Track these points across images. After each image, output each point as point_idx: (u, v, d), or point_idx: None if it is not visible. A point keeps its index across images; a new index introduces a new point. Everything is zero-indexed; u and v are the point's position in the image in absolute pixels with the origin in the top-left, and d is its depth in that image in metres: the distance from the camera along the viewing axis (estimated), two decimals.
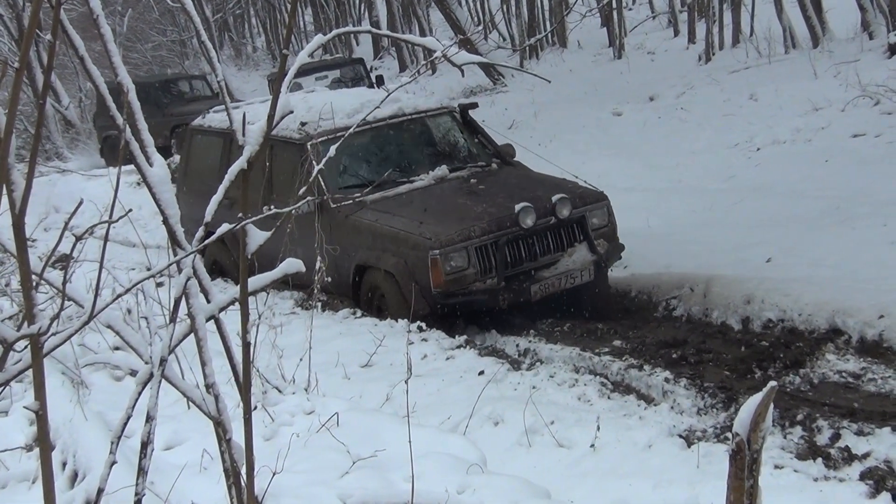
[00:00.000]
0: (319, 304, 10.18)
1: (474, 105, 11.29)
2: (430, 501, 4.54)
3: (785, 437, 5.83)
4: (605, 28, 30.26)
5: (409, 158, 10.56)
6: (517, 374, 7.49)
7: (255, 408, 6.06)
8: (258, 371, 6.55)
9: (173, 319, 3.03)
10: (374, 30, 3.84)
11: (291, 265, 3.43)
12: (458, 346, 8.34)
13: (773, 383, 2.23)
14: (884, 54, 17.76)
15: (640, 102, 20.02)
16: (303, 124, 10.32)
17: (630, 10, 33.29)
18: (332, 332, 9.07)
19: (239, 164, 3.06)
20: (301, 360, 7.19)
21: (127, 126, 3.11)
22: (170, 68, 46.56)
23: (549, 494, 4.87)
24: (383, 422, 5.80)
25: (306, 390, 6.82)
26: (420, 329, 8.91)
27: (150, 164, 3.22)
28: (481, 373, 7.48)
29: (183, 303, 3.18)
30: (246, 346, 3.11)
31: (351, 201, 9.63)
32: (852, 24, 20.63)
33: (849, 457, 5.56)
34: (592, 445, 5.87)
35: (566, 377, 7.25)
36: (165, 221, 3.23)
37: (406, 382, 4.83)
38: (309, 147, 9.88)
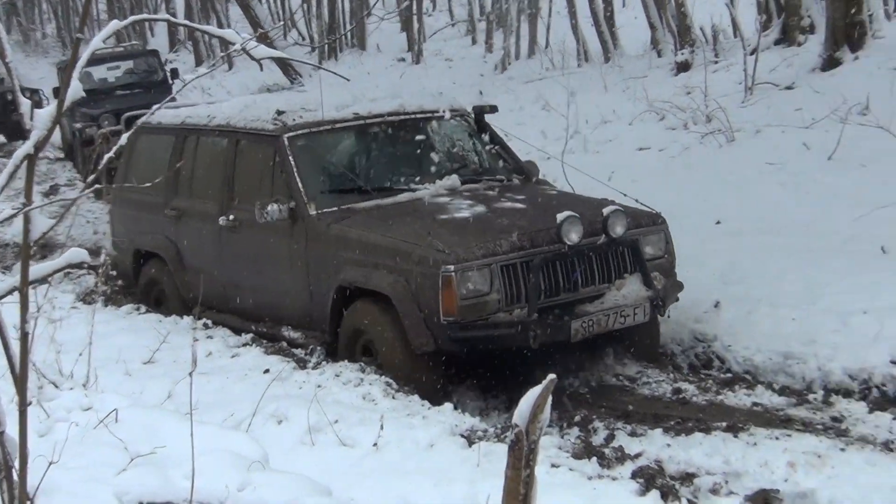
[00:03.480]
0: (102, 299, 9.93)
1: (493, 108, 9.37)
2: (209, 498, 4.52)
3: (562, 437, 6.04)
4: (405, 33, 30.54)
5: (412, 164, 8.58)
6: (303, 372, 7.50)
7: (31, 403, 5.89)
8: (34, 366, 6.36)
9: None
10: (172, 18, 3.82)
11: (75, 254, 3.37)
12: (244, 344, 8.32)
13: (552, 376, 2.34)
14: (671, 72, 18.50)
15: None
16: (279, 113, 8.47)
17: (430, 16, 33.72)
18: (115, 327, 8.91)
19: (25, 148, 2.99)
20: (80, 355, 7.01)
21: None
22: None
23: (331, 492, 4.91)
24: (164, 418, 5.71)
25: (84, 386, 6.66)
26: (206, 326, 8.82)
27: None
28: (266, 371, 7.46)
29: None
30: (24, 336, 3.05)
31: (336, 208, 7.93)
32: (642, 42, 21.45)
33: (622, 456, 5.79)
34: (375, 444, 5.92)
35: (352, 376, 7.29)
36: None
37: (190, 375, 4.76)
38: (285, 140, 8.20)
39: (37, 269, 3.22)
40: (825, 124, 12.64)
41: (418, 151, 8.62)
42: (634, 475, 5.37)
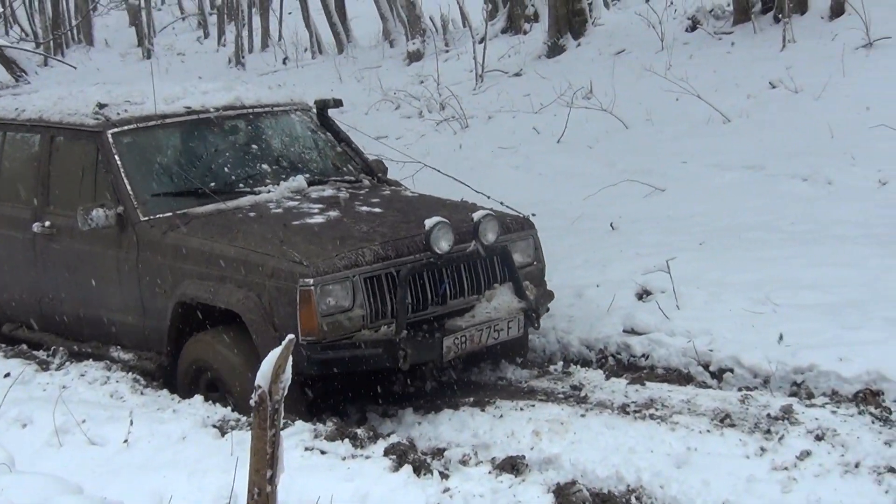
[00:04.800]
0: None
1: (337, 102, 8.38)
2: None
3: (314, 424, 6.02)
4: (134, 27, 29.85)
5: (252, 164, 7.68)
6: (46, 374, 7.23)
7: None
8: None
9: None
10: None
11: None
12: None
13: (290, 336, 2.35)
14: (403, 61, 18.76)
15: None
16: (101, 106, 7.48)
17: (159, 10, 33.05)
18: None
19: None
20: None
21: None
22: None
23: (82, 490, 4.78)
24: None
25: None
26: None
27: None
28: (7, 375, 7.14)
29: None
30: None
31: (171, 213, 7.02)
32: (375, 33, 21.62)
33: (374, 436, 5.83)
34: (126, 441, 5.75)
35: (98, 375, 7.07)
36: None
37: None
38: (109, 137, 7.30)
39: None
40: (553, 108, 13.13)
41: (259, 149, 7.85)
42: (387, 452, 5.42)
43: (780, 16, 12.99)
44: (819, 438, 5.56)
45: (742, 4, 14.02)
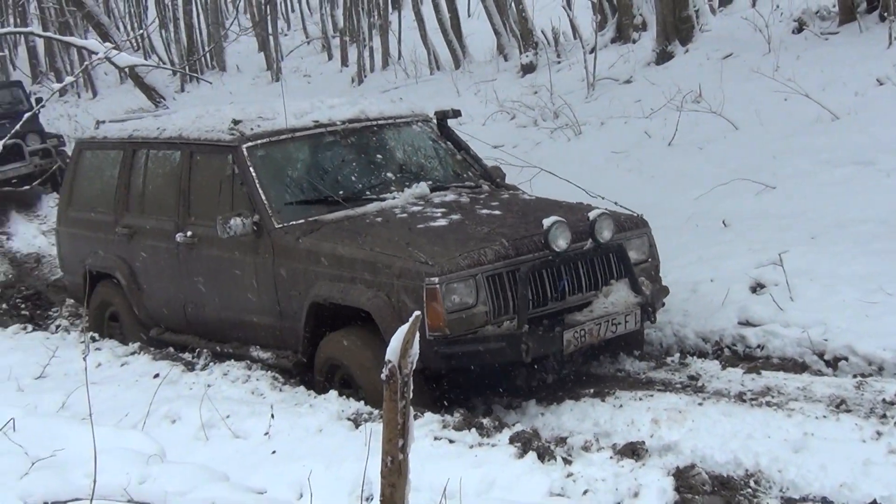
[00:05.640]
0: None
1: (456, 113, 8.45)
2: (112, 493, 4.48)
3: (443, 415, 6.08)
4: (263, 53, 30.39)
5: (377, 173, 7.78)
6: (192, 374, 7.43)
7: None
8: None
9: None
10: (36, 32, 3.77)
11: None
12: (132, 353, 8.16)
13: (417, 313, 2.41)
14: (517, 74, 18.78)
15: None
16: (235, 122, 7.71)
17: (285, 35, 33.56)
18: (3, 347, 8.69)
19: None
20: None
21: None
22: None
23: (228, 478, 4.90)
24: (61, 424, 5.63)
25: None
26: (93, 339, 8.65)
27: None
28: (156, 375, 7.35)
29: None
30: None
31: (303, 220, 7.16)
32: (489, 48, 21.68)
33: (500, 426, 5.87)
34: (267, 433, 5.90)
35: (239, 374, 7.24)
36: None
37: (84, 359, 4.67)
38: (244, 151, 7.48)
39: None
40: (663, 113, 13.00)
41: (384, 159, 7.94)
42: (512, 440, 5.45)
43: (886, 14, 12.68)
44: None
45: (847, 4, 13.73)
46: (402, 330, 2.26)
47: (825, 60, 12.77)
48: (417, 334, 2.28)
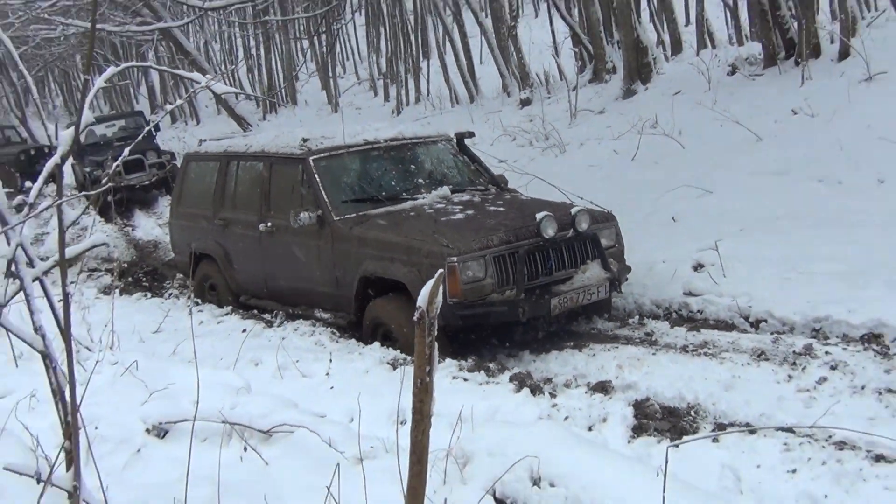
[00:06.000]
0: (118, 290, 9.75)
1: (471, 134, 8.62)
2: (210, 415, 4.49)
3: (459, 361, 6.08)
4: (325, 91, 30.40)
5: (411, 179, 7.87)
6: (270, 329, 7.46)
7: None
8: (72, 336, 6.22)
9: (7, 275, 2.89)
10: (154, 65, 3.78)
11: (97, 238, 3.34)
12: (226, 314, 8.19)
13: (441, 270, 2.41)
14: (517, 106, 18.69)
15: None
16: (304, 140, 7.82)
17: (342, 77, 33.52)
18: (129, 309, 8.72)
19: (54, 159, 2.95)
20: (105, 326, 6.88)
21: None
22: None
23: (297, 405, 4.91)
24: (173, 365, 5.65)
25: (110, 349, 6.54)
26: (196, 304, 8.68)
27: None
28: (244, 331, 7.37)
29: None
30: (66, 296, 3.02)
31: (354, 214, 7.25)
32: (496, 87, 21.61)
33: (502, 369, 5.88)
34: (327, 374, 5.93)
35: (306, 329, 7.26)
36: None
37: (190, 309, 4.69)
38: (311, 162, 7.55)
39: (70, 249, 3.18)
40: (628, 136, 12.92)
41: (416, 168, 8.03)
42: (511, 380, 5.46)
43: (800, 60, 12.56)
44: (833, 368, 5.43)
45: (770, 53, 13.57)
46: (429, 284, 2.26)
47: (752, 95, 12.66)
48: (441, 286, 2.28)
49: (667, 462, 2.77)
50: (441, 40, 27.37)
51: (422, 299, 2.28)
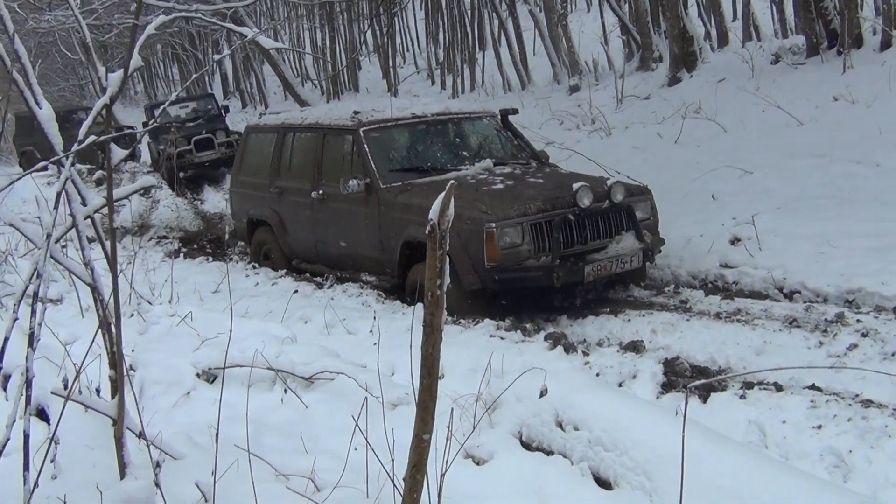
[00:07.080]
0: (182, 255, 9.83)
1: (514, 111, 8.44)
2: (258, 361, 4.48)
3: (496, 321, 5.99)
4: (385, 79, 30.42)
5: (456, 151, 7.79)
6: (320, 291, 7.47)
7: (132, 315, 5.82)
8: (135, 290, 6.28)
9: (56, 206, 2.87)
10: (201, 15, 3.71)
11: (147, 181, 3.31)
12: (280, 276, 8.21)
13: (452, 182, 2.33)
14: (567, 93, 18.46)
15: None
16: (356, 112, 7.82)
17: (402, 67, 33.50)
18: (191, 271, 8.83)
19: (102, 100, 2.92)
20: (165, 281, 6.93)
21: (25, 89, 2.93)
22: (71, 104, 43.88)
23: (339, 355, 4.87)
24: (224, 317, 5.62)
25: (169, 303, 6.59)
26: (253, 267, 8.72)
27: (40, 107, 3.05)
28: (296, 291, 7.40)
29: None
30: (112, 231, 2.99)
31: (400, 182, 7.18)
32: (547, 75, 21.36)
33: (538, 329, 5.77)
34: (371, 331, 5.90)
35: (353, 291, 7.24)
36: (53, 150, 3.05)
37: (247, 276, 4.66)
38: (361, 133, 7.52)
39: (119, 190, 3.15)
40: (671, 121, 12.68)
41: (461, 142, 7.96)
42: (546, 339, 5.36)
43: (842, 49, 12.17)
44: (864, 335, 5.23)
45: (813, 43, 13.17)
46: (440, 197, 2.17)
47: (794, 83, 12.33)
48: (453, 199, 2.20)
49: (686, 402, 2.65)
50: (496, 33, 27.13)
51: (433, 212, 2.20)
